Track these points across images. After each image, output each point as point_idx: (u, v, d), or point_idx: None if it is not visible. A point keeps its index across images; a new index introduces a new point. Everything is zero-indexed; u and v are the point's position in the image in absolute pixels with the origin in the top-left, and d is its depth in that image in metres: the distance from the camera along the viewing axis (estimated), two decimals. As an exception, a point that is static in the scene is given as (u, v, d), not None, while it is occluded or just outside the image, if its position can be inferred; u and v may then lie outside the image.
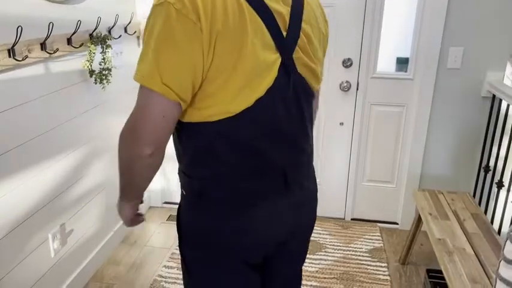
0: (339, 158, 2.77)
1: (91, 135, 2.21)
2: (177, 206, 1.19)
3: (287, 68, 1.02)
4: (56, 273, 1.99)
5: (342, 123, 2.70)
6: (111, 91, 2.34)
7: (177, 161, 1.13)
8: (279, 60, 1.00)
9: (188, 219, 1.12)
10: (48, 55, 1.79)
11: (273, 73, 0.99)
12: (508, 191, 2.18)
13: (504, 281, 1.45)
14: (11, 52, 1.58)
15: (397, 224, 2.82)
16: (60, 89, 1.92)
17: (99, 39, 2.09)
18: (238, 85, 0.95)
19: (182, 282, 1.22)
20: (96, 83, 2.11)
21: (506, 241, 1.46)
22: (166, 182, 3.00)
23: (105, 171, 2.39)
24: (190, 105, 0.98)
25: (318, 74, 1.13)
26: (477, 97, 2.49)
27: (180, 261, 1.22)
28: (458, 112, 2.53)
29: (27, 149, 1.74)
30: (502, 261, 1.46)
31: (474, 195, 2.54)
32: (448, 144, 2.60)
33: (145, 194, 2.96)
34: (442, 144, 2.61)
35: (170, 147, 1.05)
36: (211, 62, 0.92)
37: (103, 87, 2.16)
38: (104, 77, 2.13)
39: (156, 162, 1.01)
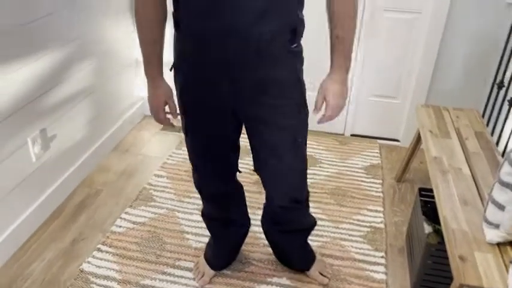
0: (342, 69, 2.57)
1: (71, 35, 2.05)
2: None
3: None
4: (40, 177, 1.97)
5: (347, 31, 2.46)
6: (91, -13, 2.13)
7: None
8: None
9: None
10: None
11: None
12: (520, 109, 2.00)
13: (496, 204, 1.35)
14: None
15: (398, 141, 2.70)
16: (29, -20, 1.74)
17: None
18: None
19: (170, 191, 1.20)
20: (71, -24, 1.91)
21: (504, 162, 1.33)
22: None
23: (91, 75, 2.27)
24: None
25: None
26: (501, 3, 2.20)
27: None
28: (477, 21, 2.27)
29: (-7, 47, 1.62)
30: (497, 184, 1.35)
31: (483, 114, 2.37)
32: (462, 57, 2.38)
33: (141, 103, 2.86)
34: (455, 57, 2.38)
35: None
36: None
37: (79, -19, 1.95)
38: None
39: None
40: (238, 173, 1.55)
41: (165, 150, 2.59)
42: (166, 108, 1.38)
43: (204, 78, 1.24)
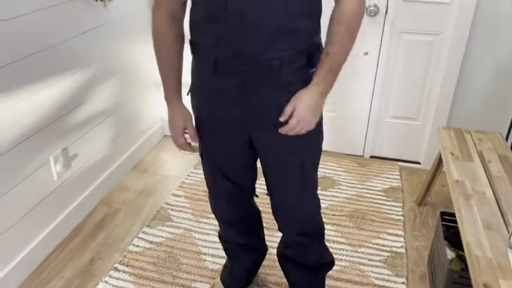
0: (361, 91, 2.57)
1: (93, 58, 2.11)
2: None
3: None
4: (61, 196, 2.00)
5: (366, 53, 2.47)
6: (113, 11, 2.19)
7: None
8: None
9: None
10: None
11: None
12: (546, 132, 1.95)
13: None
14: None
15: (419, 163, 2.65)
16: (59, 3, 1.80)
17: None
18: None
19: (188, 211, 1.17)
20: (97, 0, 1.97)
21: None
22: (181, 111, 2.92)
23: (112, 96, 2.31)
24: None
25: None
26: (524, 25, 2.18)
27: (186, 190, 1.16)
28: (499, 42, 2.24)
29: (22, 67, 1.67)
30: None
31: (507, 138, 2.32)
32: (484, 79, 2.34)
33: (160, 123, 2.89)
34: (477, 79, 2.35)
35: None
36: None
37: (104, 5, 2.02)
38: (105, -6, 1.98)
39: None
40: (255, 197, 1.53)
41: (183, 170, 2.60)
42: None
43: (218, 104, 1.23)
